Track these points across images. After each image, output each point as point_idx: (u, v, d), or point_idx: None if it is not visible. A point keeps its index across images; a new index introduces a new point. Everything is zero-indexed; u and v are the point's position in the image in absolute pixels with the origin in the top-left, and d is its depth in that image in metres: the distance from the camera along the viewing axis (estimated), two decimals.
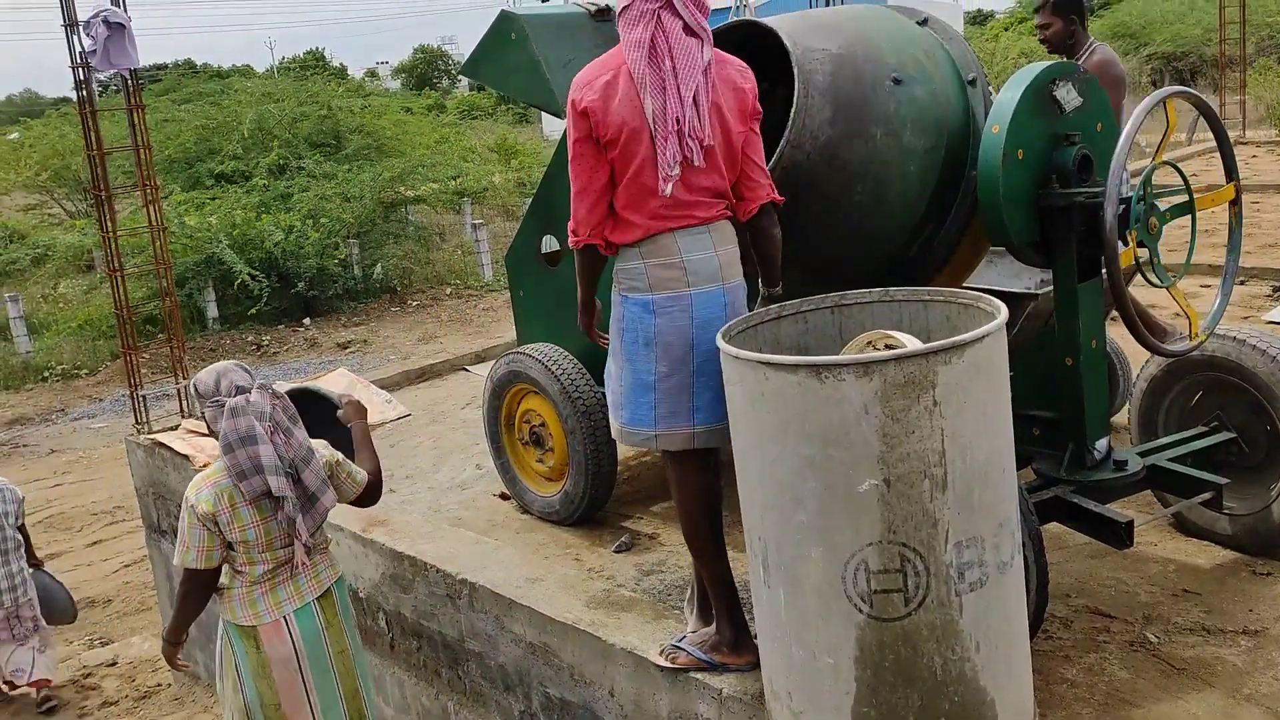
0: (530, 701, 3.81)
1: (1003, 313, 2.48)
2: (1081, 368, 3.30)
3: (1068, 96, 3.22)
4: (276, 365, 12.61)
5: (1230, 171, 3.44)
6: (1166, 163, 3.32)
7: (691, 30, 2.82)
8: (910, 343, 2.51)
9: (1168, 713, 2.89)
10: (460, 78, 48.91)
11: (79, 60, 5.94)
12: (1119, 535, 3.14)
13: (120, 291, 6.32)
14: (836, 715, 2.47)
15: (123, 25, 5.81)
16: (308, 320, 14.21)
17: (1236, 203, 3.44)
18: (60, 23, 5.91)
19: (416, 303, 15.01)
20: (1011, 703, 2.51)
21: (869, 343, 2.68)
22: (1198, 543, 3.78)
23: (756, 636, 2.89)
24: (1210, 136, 4.31)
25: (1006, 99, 3.16)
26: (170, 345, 6.55)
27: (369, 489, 3.54)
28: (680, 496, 3.06)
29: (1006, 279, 4.12)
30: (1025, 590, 2.67)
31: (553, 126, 28.58)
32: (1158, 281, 3.23)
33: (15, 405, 12.07)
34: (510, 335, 5.66)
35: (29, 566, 5.85)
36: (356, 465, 3.54)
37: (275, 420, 3.24)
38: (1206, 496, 3.40)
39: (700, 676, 3.09)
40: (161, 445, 5.93)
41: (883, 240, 3.48)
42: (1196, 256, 3.55)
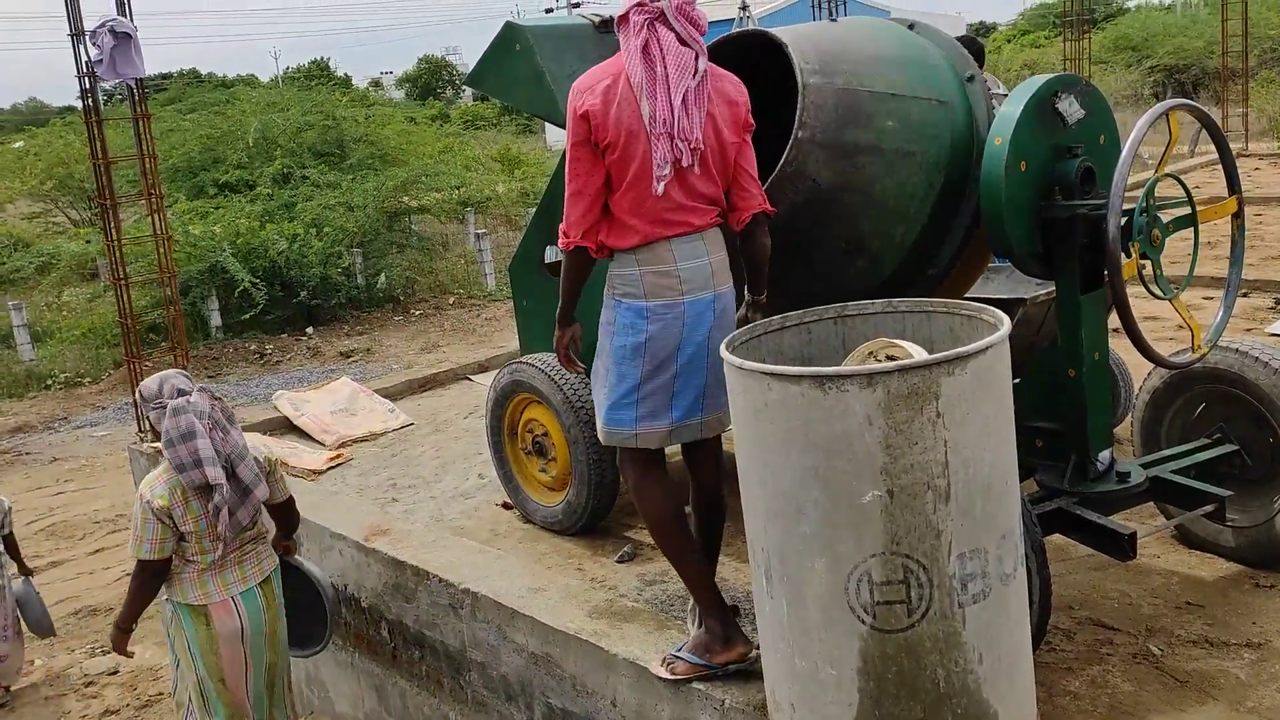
0: (532, 711, 3.81)
1: (1005, 324, 2.49)
2: (1084, 379, 3.30)
3: (1070, 109, 3.23)
4: (279, 374, 12.62)
5: (1233, 184, 3.44)
6: (1169, 175, 3.33)
7: (684, 41, 2.90)
8: (914, 350, 2.52)
9: None
10: (464, 88, 49.07)
11: (85, 69, 5.96)
12: (1122, 547, 3.14)
13: (124, 300, 6.33)
14: None
15: (129, 35, 5.83)
16: (310, 329, 14.22)
17: (1239, 215, 3.45)
18: (67, 32, 5.94)
19: (419, 312, 15.02)
20: (1014, 715, 2.50)
21: (870, 353, 2.68)
22: (1201, 555, 3.78)
23: (759, 647, 2.89)
24: (1212, 149, 4.32)
25: (1009, 111, 3.17)
26: (174, 354, 6.56)
27: (290, 505, 4.04)
28: (644, 502, 3.14)
29: (1000, 288, 4.13)
30: (1028, 602, 2.67)
31: (556, 137, 28.64)
32: (1160, 293, 3.24)
33: (18, 413, 12.08)
34: (513, 345, 5.68)
35: (21, 575, 5.85)
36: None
37: (214, 418, 3.62)
38: (1209, 509, 3.40)
39: (702, 687, 3.08)
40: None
41: (881, 257, 3.48)
42: (1199, 268, 3.56)
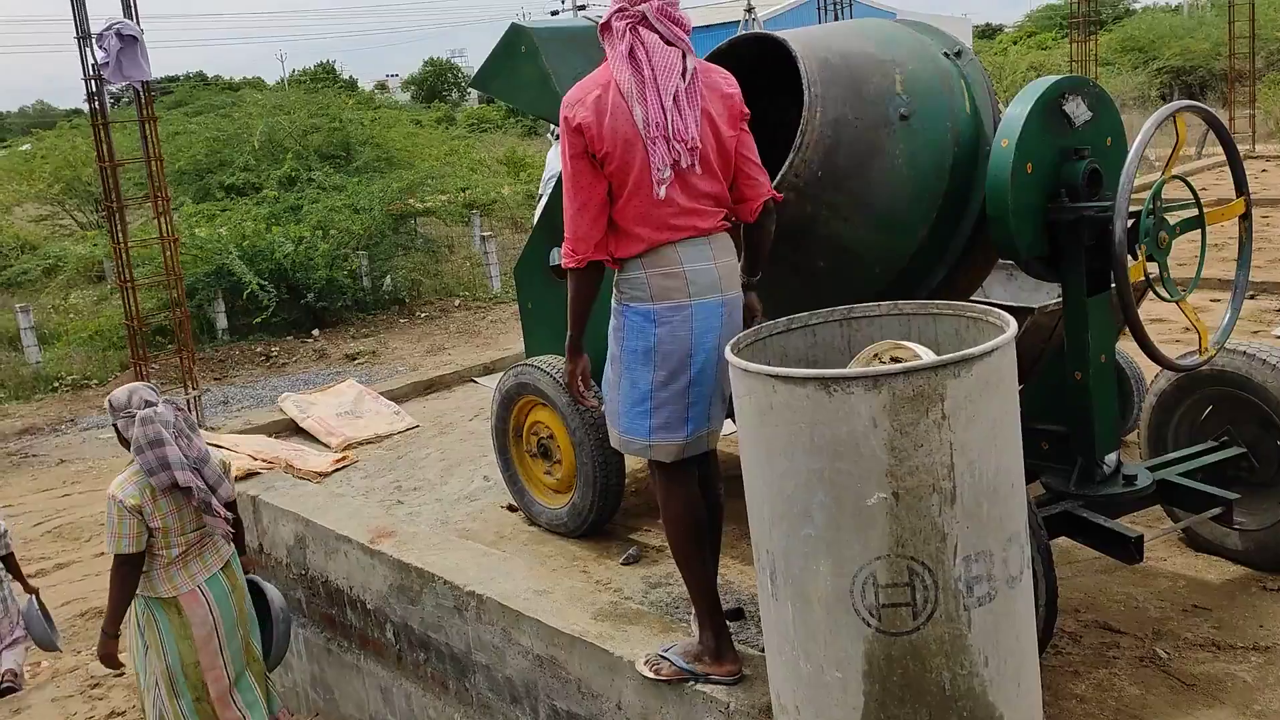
0: (537, 714, 3.80)
1: (1011, 326, 2.48)
2: (1091, 382, 3.29)
3: (1077, 111, 3.22)
4: (285, 376, 12.63)
5: (1240, 185, 3.43)
6: (1176, 177, 3.32)
7: (669, 41, 2.90)
8: (921, 351, 2.51)
9: None
10: (470, 90, 49.11)
11: (92, 72, 5.97)
12: (1129, 550, 3.13)
13: (131, 302, 6.34)
14: None
15: (135, 38, 5.84)
16: (316, 331, 14.23)
17: (1246, 217, 3.43)
18: (73, 35, 5.95)
19: (425, 314, 15.03)
20: (1020, 718, 2.49)
21: (875, 355, 2.68)
22: (1208, 558, 3.76)
23: (764, 650, 2.89)
24: (1220, 151, 4.30)
25: (1016, 113, 3.16)
26: (180, 356, 6.57)
27: (233, 505, 4.22)
28: (667, 507, 3.11)
29: (1010, 295, 4.12)
30: (1034, 605, 2.66)
31: None
32: (1167, 296, 3.23)
33: (25, 415, 12.10)
34: (518, 347, 5.68)
35: (27, 594, 5.85)
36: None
37: (178, 427, 3.98)
38: (1217, 512, 3.39)
39: (707, 689, 3.08)
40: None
41: (885, 260, 3.47)
42: (1207, 271, 3.55)
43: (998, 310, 2.64)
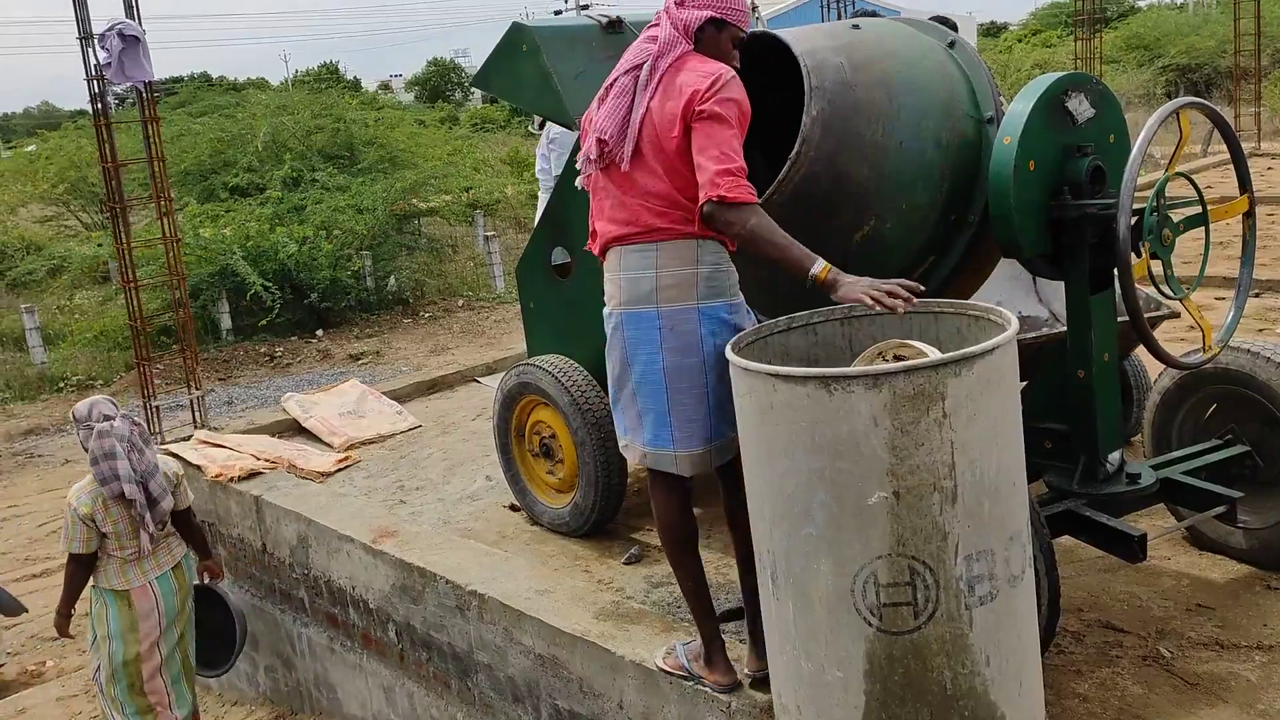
0: (539, 713, 3.80)
1: (1013, 324, 2.47)
2: (1094, 380, 3.28)
3: (1080, 108, 3.21)
4: (289, 376, 12.64)
5: (1244, 183, 3.42)
6: (1180, 174, 3.31)
7: (654, 38, 2.89)
8: (925, 349, 2.50)
9: None
10: (473, 90, 49.11)
11: (94, 73, 5.97)
12: (1132, 549, 3.12)
13: (134, 303, 6.34)
14: None
15: (137, 38, 5.84)
16: (320, 331, 14.24)
17: (1250, 214, 3.42)
18: (76, 36, 5.95)
19: (429, 314, 15.03)
20: (1022, 718, 2.48)
21: (879, 354, 2.67)
22: (1212, 557, 3.75)
23: (766, 649, 2.89)
24: (1225, 148, 4.28)
25: (1018, 110, 3.14)
26: (183, 356, 6.57)
27: (188, 513, 4.76)
28: (655, 513, 3.10)
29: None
30: (1037, 604, 2.65)
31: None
32: (1171, 293, 3.21)
33: (30, 415, 12.12)
34: (522, 346, 5.67)
35: None
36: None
37: (132, 441, 4.41)
38: (1220, 510, 3.38)
39: (709, 688, 3.07)
40: (174, 456, 5.94)
41: (887, 259, 3.46)
42: (1212, 268, 3.53)
43: (999, 309, 2.63)
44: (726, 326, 2.84)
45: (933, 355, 2.41)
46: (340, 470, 5.69)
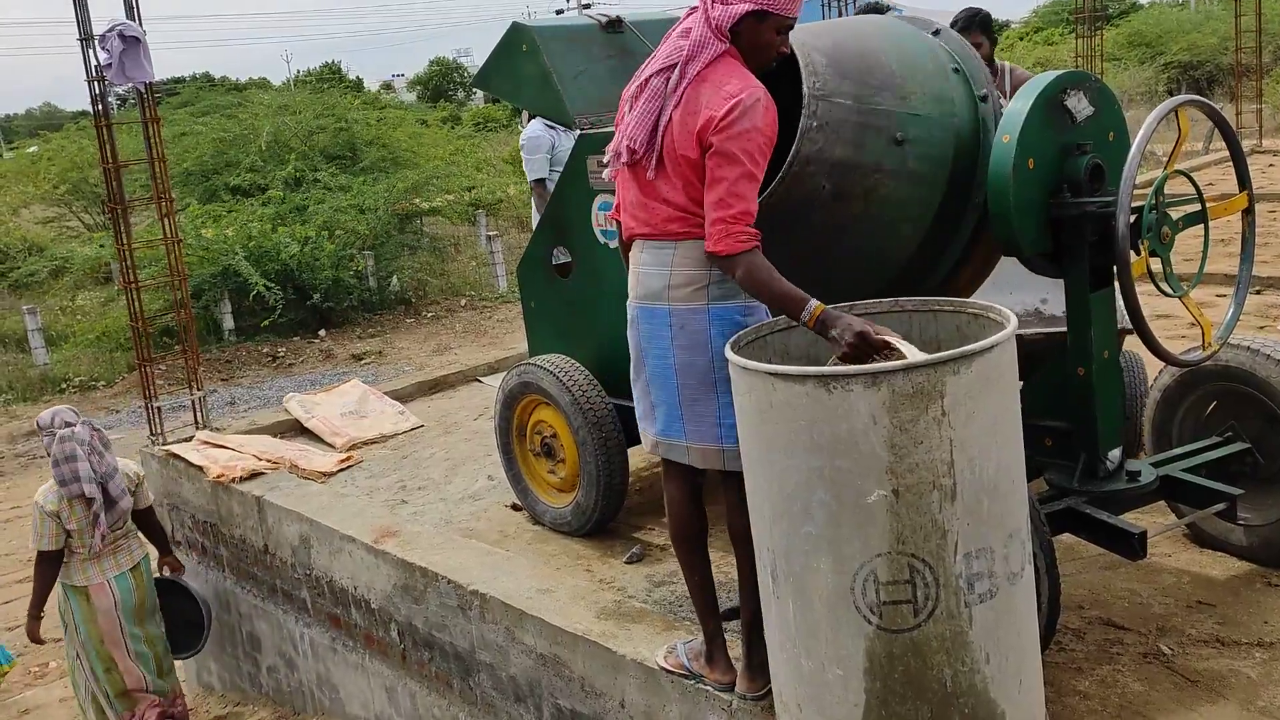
0: (541, 713, 3.81)
1: (1012, 322, 2.47)
2: (1094, 378, 3.28)
3: (1079, 106, 3.21)
4: (292, 376, 12.65)
5: (1243, 180, 3.42)
6: (1179, 171, 3.31)
7: (688, 30, 2.80)
8: (908, 351, 2.45)
9: None
10: (475, 90, 49.09)
11: (95, 74, 5.98)
12: (1132, 546, 3.12)
13: (135, 304, 6.35)
14: None
15: (137, 39, 5.84)
16: (323, 332, 14.25)
17: (1250, 211, 3.42)
18: (76, 37, 5.96)
19: (431, 314, 15.05)
20: (1023, 715, 2.49)
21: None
22: (1212, 554, 3.75)
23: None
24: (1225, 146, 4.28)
25: (1017, 108, 3.14)
26: (185, 357, 6.58)
27: (149, 512, 5.28)
28: (665, 500, 3.11)
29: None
30: (1037, 601, 2.65)
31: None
32: (1170, 291, 3.21)
33: (33, 416, 12.11)
34: (524, 346, 5.68)
35: None
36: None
37: (92, 445, 4.84)
38: (1221, 507, 3.38)
39: (711, 687, 3.08)
40: (176, 456, 5.95)
41: (887, 258, 3.46)
42: (1213, 266, 3.53)
43: (999, 307, 2.63)
44: (739, 328, 2.84)
45: (914, 356, 2.38)
46: (342, 470, 5.69)
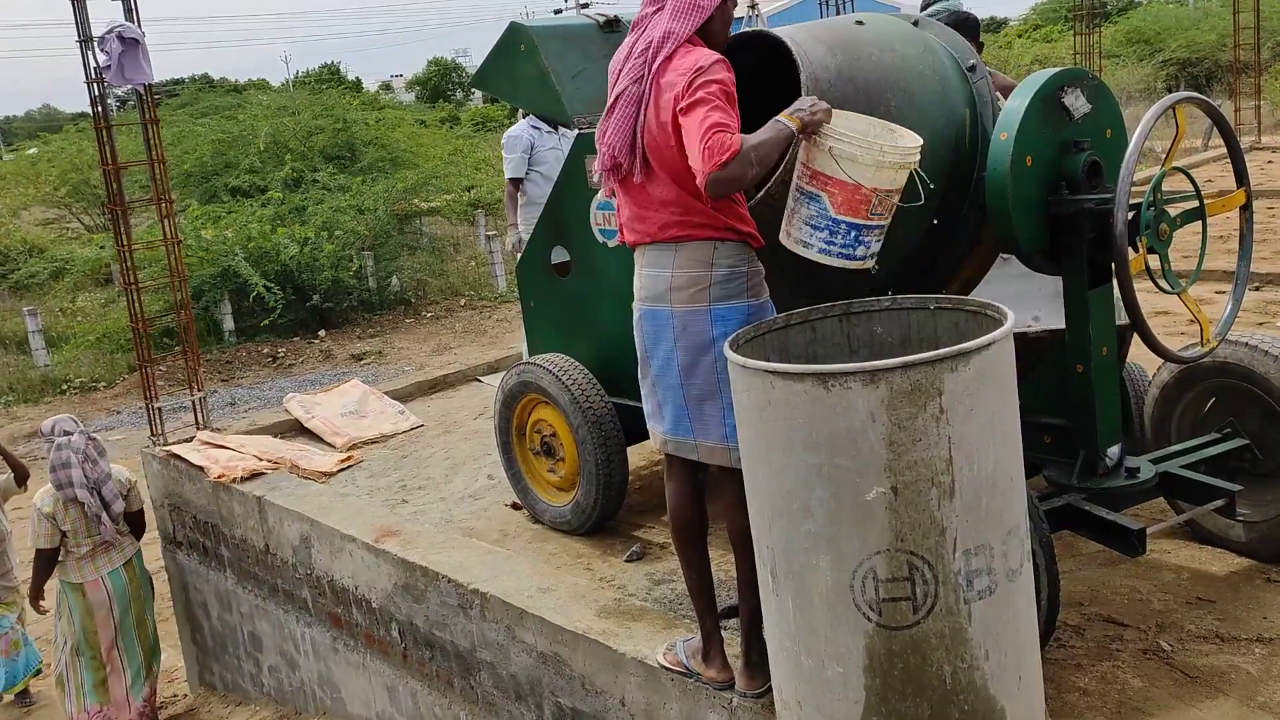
0: (542, 711, 3.81)
1: (1009, 320, 2.48)
2: (1092, 375, 3.28)
3: (1076, 103, 3.21)
4: (292, 377, 12.66)
5: (1240, 176, 3.42)
6: (1177, 168, 3.31)
7: (639, 29, 2.88)
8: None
9: None
10: (474, 90, 49.07)
11: (94, 76, 5.98)
12: (1131, 543, 3.13)
13: (136, 305, 6.35)
14: None
15: (136, 41, 5.85)
16: (322, 332, 14.26)
17: (1248, 208, 3.42)
18: (75, 39, 5.96)
19: (431, 314, 15.05)
20: (1022, 712, 2.49)
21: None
22: (1211, 550, 3.75)
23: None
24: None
25: (1015, 106, 3.15)
26: (185, 358, 6.58)
27: (139, 514, 5.73)
28: (666, 496, 3.13)
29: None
30: (1036, 598, 2.66)
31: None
32: (1168, 288, 3.22)
33: (34, 418, 12.13)
34: (524, 346, 5.69)
35: None
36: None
37: (86, 453, 5.33)
38: (1220, 503, 3.38)
39: (707, 685, 3.08)
40: (176, 457, 5.96)
41: (887, 257, 3.45)
42: (1213, 263, 3.54)
43: (997, 304, 2.63)
44: (742, 327, 2.85)
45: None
46: (342, 470, 5.70)
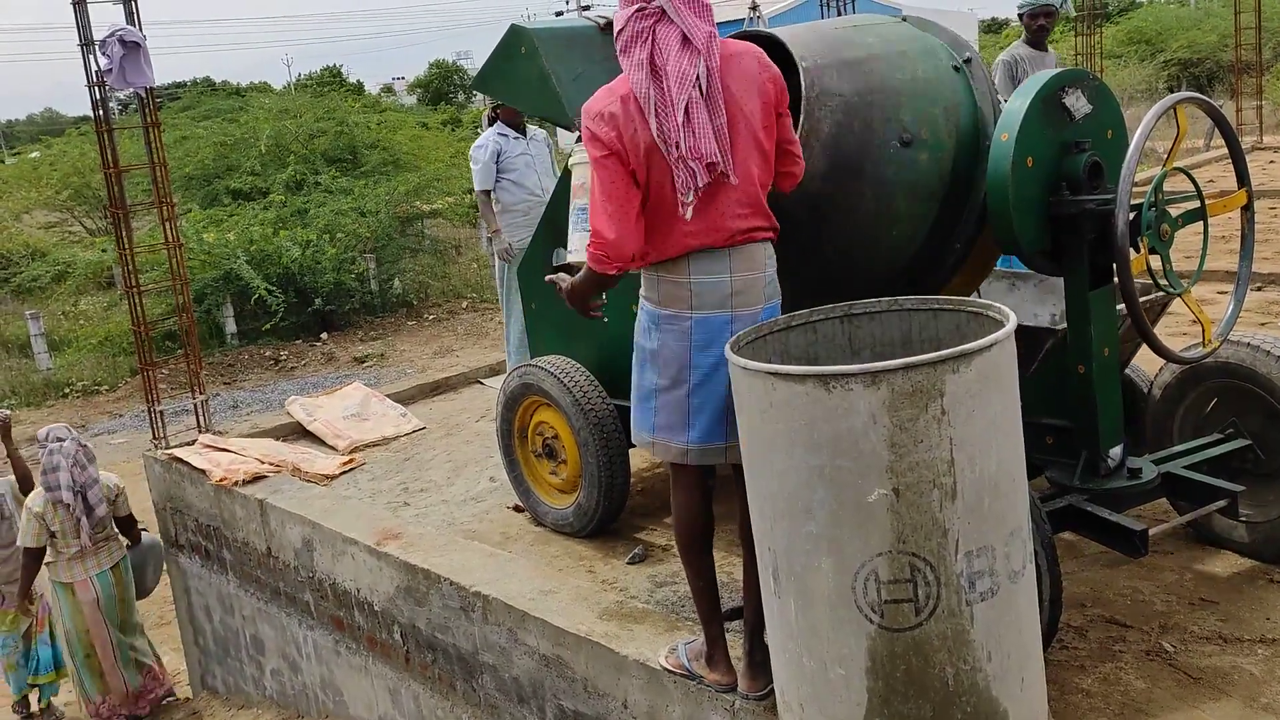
0: (544, 714, 3.81)
1: (1011, 321, 2.47)
2: (1094, 375, 3.28)
3: (1077, 104, 3.21)
4: (294, 380, 12.67)
5: (1242, 176, 3.42)
6: (1178, 169, 3.31)
7: (687, 39, 2.70)
8: None
9: None
10: (475, 92, 49.06)
11: (95, 79, 5.99)
12: (1133, 543, 3.12)
13: (138, 308, 6.36)
14: None
15: (138, 44, 5.85)
16: (324, 335, 14.27)
17: (1249, 208, 3.42)
18: (76, 42, 5.97)
19: (433, 316, 15.07)
20: (1025, 713, 2.49)
21: None
22: (1214, 551, 3.75)
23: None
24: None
25: (1016, 107, 3.15)
26: (187, 361, 6.59)
27: (129, 520, 6.08)
28: (673, 507, 3.09)
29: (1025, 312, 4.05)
30: (1039, 599, 2.65)
31: (565, 140, 28.62)
32: (1170, 288, 3.21)
33: (36, 421, 12.15)
34: None
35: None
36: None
37: (76, 458, 5.70)
38: (1222, 504, 3.38)
39: (710, 688, 3.08)
40: (178, 460, 5.96)
41: (887, 256, 3.46)
42: (1213, 263, 3.53)
43: (999, 305, 2.63)
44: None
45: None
46: (344, 473, 5.70)
